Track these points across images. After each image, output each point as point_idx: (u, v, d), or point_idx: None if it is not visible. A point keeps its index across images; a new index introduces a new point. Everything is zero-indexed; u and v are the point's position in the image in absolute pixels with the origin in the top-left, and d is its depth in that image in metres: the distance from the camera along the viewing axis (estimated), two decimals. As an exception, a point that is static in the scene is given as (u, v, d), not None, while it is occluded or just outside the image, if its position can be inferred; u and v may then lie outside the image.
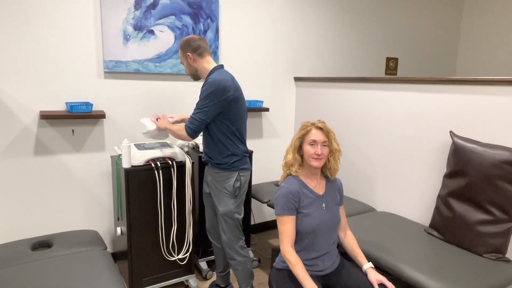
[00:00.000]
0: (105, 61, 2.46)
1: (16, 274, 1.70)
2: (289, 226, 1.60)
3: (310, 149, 1.63)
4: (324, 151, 1.62)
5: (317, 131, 1.62)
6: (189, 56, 2.02)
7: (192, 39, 2.03)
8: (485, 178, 1.83)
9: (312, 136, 1.62)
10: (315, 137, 1.61)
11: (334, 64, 3.56)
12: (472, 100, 2.04)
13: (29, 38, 2.24)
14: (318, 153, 1.60)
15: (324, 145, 1.62)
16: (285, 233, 1.59)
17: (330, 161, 1.69)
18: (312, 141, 1.62)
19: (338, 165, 1.71)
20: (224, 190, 2.03)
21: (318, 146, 1.61)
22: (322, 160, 1.62)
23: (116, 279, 1.71)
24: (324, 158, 1.63)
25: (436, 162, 2.24)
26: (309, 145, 1.63)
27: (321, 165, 1.63)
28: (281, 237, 1.61)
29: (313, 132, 1.62)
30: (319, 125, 1.63)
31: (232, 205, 2.05)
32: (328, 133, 1.63)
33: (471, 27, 4.39)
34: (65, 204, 2.50)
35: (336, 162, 1.70)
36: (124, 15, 2.47)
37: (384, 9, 3.79)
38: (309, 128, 1.64)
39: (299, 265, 1.54)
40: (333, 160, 1.68)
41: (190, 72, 2.09)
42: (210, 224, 2.27)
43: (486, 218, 1.84)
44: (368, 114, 2.68)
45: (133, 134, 2.65)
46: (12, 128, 2.27)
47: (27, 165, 2.34)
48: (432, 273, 1.67)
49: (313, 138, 1.62)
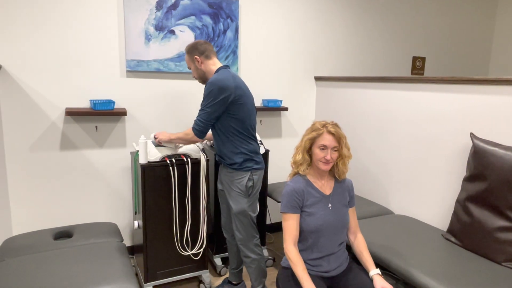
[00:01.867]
0: (127, 60, 2.55)
1: (37, 261, 1.81)
2: (292, 223, 1.59)
3: (319, 152, 1.61)
4: (333, 156, 1.60)
5: (329, 136, 1.59)
6: (197, 59, 2.05)
7: (199, 43, 2.07)
8: (505, 182, 1.74)
9: (323, 140, 1.59)
10: (326, 142, 1.59)
11: (357, 64, 3.50)
12: (493, 100, 1.95)
13: (55, 37, 2.36)
14: (327, 158, 1.59)
15: (334, 150, 1.60)
16: (288, 231, 1.59)
17: (338, 165, 1.67)
18: (323, 145, 1.59)
19: (347, 168, 1.69)
20: (237, 190, 2.05)
21: (328, 151, 1.59)
22: (330, 164, 1.61)
23: (127, 270, 1.78)
24: (332, 162, 1.61)
25: (456, 165, 2.16)
26: (318, 149, 1.61)
27: (329, 168, 1.62)
28: (284, 235, 1.61)
29: (324, 137, 1.59)
30: (331, 130, 1.59)
31: (246, 204, 2.07)
32: (340, 138, 1.60)
33: (505, 26, 4.17)
34: (88, 197, 2.61)
35: (345, 166, 1.67)
36: (146, 16, 2.55)
37: (409, 6, 3.68)
38: (321, 131, 1.60)
39: (299, 264, 1.54)
40: (342, 164, 1.66)
41: (198, 75, 2.12)
42: (225, 221, 2.30)
43: (506, 225, 1.75)
44: (387, 115, 2.62)
45: (153, 131, 2.73)
46: (40, 124, 2.40)
47: (53, 159, 2.47)
48: (444, 280, 1.62)
49: (324, 143, 1.59)
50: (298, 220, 1.61)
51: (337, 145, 1.60)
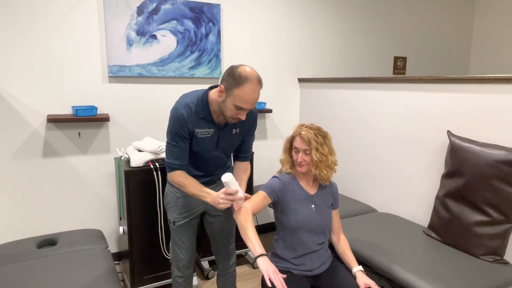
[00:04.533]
0: (109, 66, 2.54)
1: (20, 270, 1.79)
2: (259, 198, 1.60)
3: (294, 154, 1.66)
4: (306, 158, 1.61)
5: (299, 139, 1.62)
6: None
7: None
8: (481, 178, 1.79)
9: (295, 142, 1.64)
10: (297, 144, 1.63)
11: (339, 65, 3.55)
12: (469, 98, 2.00)
13: (36, 44, 2.35)
14: (299, 161, 1.62)
15: (306, 153, 1.61)
16: (252, 198, 1.61)
17: (320, 168, 1.62)
18: (295, 147, 1.64)
19: (329, 174, 1.66)
20: None
21: (300, 154, 1.62)
22: (304, 166, 1.63)
23: (112, 276, 1.77)
24: (306, 165, 1.63)
25: (435, 163, 2.21)
26: (293, 151, 1.66)
27: (305, 170, 1.64)
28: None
29: (296, 139, 1.63)
30: (301, 133, 1.61)
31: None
32: (310, 141, 1.58)
33: (483, 26, 4.28)
34: (73, 204, 2.59)
35: (323, 171, 1.63)
36: (127, 21, 2.55)
37: (390, 7, 3.75)
38: (295, 134, 1.65)
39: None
40: (315, 169, 1.62)
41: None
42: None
43: (483, 219, 1.80)
44: (369, 115, 2.67)
45: (136, 136, 2.73)
46: (22, 131, 2.38)
47: (36, 167, 2.45)
48: (424, 275, 1.65)
49: (296, 145, 1.64)
50: (265, 202, 1.62)
51: (307, 148, 1.60)
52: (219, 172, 1.84)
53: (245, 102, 1.50)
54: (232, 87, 1.50)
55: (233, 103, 1.51)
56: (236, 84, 1.49)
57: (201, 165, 1.78)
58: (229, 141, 1.75)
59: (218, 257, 2.01)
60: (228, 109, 1.54)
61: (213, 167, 1.81)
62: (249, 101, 1.50)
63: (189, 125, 1.62)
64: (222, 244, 1.96)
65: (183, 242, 1.85)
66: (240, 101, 1.50)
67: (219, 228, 1.92)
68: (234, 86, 1.49)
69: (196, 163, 1.77)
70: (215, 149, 1.73)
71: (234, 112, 1.54)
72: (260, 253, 1.42)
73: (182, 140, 1.64)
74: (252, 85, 1.49)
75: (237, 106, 1.51)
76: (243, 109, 1.53)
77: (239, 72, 1.49)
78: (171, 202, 1.82)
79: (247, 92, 1.48)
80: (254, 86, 1.50)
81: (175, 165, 1.67)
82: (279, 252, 1.69)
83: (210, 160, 1.77)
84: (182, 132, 1.62)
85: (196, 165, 1.78)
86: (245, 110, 1.54)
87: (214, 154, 1.75)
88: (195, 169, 1.78)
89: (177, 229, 1.83)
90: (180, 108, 1.61)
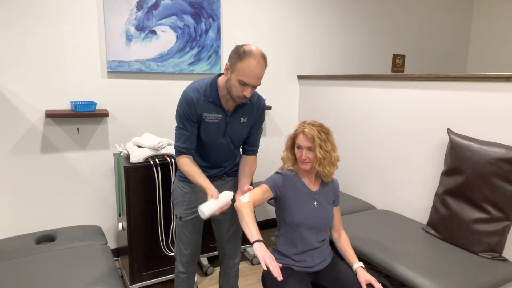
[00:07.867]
0: (108, 61, 2.52)
1: (18, 266, 1.78)
2: (260, 191, 1.61)
3: (297, 152, 1.65)
4: (309, 155, 1.61)
5: (303, 136, 1.61)
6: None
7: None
8: (481, 176, 1.80)
9: (298, 140, 1.63)
10: (301, 142, 1.62)
11: (339, 62, 3.54)
12: (469, 96, 2.01)
13: (34, 39, 2.32)
14: (302, 158, 1.62)
15: (309, 150, 1.61)
16: (254, 190, 1.61)
17: (324, 166, 1.63)
18: (298, 145, 1.64)
19: (332, 170, 1.67)
20: None
21: (303, 151, 1.62)
22: (308, 164, 1.63)
23: (111, 272, 1.77)
24: (310, 162, 1.62)
25: (435, 160, 2.22)
26: (297, 148, 1.65)
27: (309, 167, 1.64)
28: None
29: (299, 136, 1.63)
30: (305, 130, 1.60)
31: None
32: (314, 139, 1.59)
33: (481, 25, 4.29)
34: (71, 200, 2.58)
35: (326, 168, 1.64)
36: (127, 16, 2.53)
37: (389, 4, 3.75)
38: (298, 131, 1.64)
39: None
40: (318, 166, 1.63)
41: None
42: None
43: (482, 217, 1.82)
44: (368, 112, 2.67)
45: (135, 133, 2.72)
46: (20, 127, 2.36)
47: (34, 162, 2.43)
48: (424, 272, 1.66)
49: (299, 143, 1.63)
50: (267, 196, 1.63)
51: (311, 145, 1.60)
52: (227, 165, 1.85)
53: (248, 76, 1.51)
54: (236, 62, 1.53)
55: (237, 78, 1.53)
56: (239, 58, 1.52)
57: (208, 154, 1.78)
58: (237, 129, 1.76)
59: (222, 255, 2.00)
60: (233, 85, 1.56)
61: (221, 158, 1.82)
62: (252, 75, 1.52)
63: (198, 108, 1.64)
64: (228, 243, 1.95)
65: (188, 239, 1.85)
66: (244, 75, 1.51)
67: (226, 227, 1.92)
68: (237, 61, 1.52)
69: (204, 153, 1.78)
70: (222, 136, 1.74)
71: (239, 89, 1.55)
72: (257, 239, 1.42)
73: (190, 123, 1.67)
74: (256, 59, 1.51)
75: (241, 81, 1.53)
76: (247, 84, 1.53)
77: (244, 48, 1.53)
78: (179, 197, 1.83)
79: (250, 66, 1.50)
80: (257, 60, 1.52)
81: (182, 148, 1.69)
82: (280, 248, 1.70)
83: (218, 150, 1.78)
84: (190, 115, 1.65)
85: (203, 155, 1.79)
86: (249, 86, 1.55)
87: (221, 142, 1.75)
88: (202, 160, 1.80)
89: (183, 225, 1.84)
90: (190, 91, 1.65)
